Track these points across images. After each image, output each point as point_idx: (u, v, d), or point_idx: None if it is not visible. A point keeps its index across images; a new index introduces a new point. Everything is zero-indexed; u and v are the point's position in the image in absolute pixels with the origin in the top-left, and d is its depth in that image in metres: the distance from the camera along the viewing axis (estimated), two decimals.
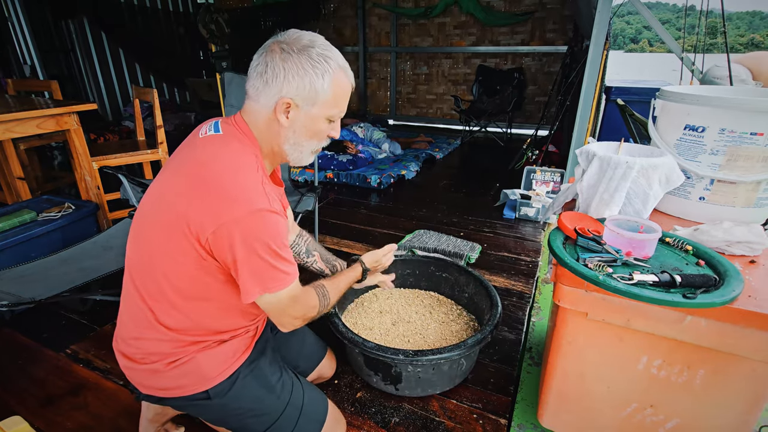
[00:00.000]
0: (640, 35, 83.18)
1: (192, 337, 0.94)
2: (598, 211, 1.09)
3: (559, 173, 2.78)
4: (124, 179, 2.05)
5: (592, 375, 1.03)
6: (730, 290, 0.79)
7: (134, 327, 0.94)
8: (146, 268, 0.89)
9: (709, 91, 1.25)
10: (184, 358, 0.93)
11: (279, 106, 0.86)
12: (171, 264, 0.86)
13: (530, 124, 5.26)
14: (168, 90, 6.29)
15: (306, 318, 0.98)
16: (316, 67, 0.84)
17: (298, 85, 0.84)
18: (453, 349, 1.23)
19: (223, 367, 0.98)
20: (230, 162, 0.83)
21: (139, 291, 0.91)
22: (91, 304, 1.89)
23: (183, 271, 0.86)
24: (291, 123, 0.89)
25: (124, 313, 0.97)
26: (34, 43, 4.79)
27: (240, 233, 0.79)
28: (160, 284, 0.88)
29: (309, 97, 0.86)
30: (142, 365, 0.94)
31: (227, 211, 0.78)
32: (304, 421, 1.08)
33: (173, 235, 0.82)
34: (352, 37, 6.32)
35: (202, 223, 0.79)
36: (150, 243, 0.87)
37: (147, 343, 0.93)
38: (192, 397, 0.96)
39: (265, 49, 0.86)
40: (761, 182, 1.01)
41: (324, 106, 0.89)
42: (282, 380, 1.09)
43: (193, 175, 0.82)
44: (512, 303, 1.91)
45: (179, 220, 0.81)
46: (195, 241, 0.81)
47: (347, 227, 2.73)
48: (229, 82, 2.18)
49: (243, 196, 0.79)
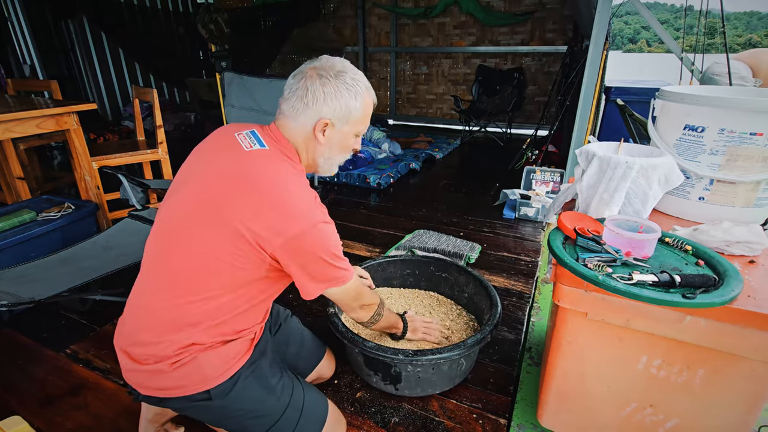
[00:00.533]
0: (638, 35, 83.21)
1: (200, 337, 0.94)
2: (598, 211, 1.09)
3: (558, 173, 2.78)
4: (123, 179, 2.05)
5: (592, 375, 1.03)
6: (729, 290, 0.79)
7: (147, 328, 0.94)
8: (183, 265, 0.91)
9: (709, 91, 1.26)
10: (186, 358, 0.94)
11: (318, 126, 0.97)
12: (217, 263, 0.90)
13: (530, 124, 5.26)
14: (168, 90, 6.29)
15: (366, 310, 1.16)
16: (350, 90, 0.96)
17: (336, 107, 0.96)
18: (453, 349, 1.23)
19: (224, 368, 0.98)
20: (288, 181, 0.92)
21: (173, 282, 0.92)
22: (91, 304, 1.89)
23: (226, 269, 0.90)
24: (327, 140, 1.00)
25: (138, 311, 0.97)
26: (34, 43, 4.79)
27: (304, 246, 0.89)
28: (193, 282, 0.91)
29: (343, 116, 0.98)
30: (145, 366, 0.94)
31: (291, 227, 0.87)
32: (305, 423, 1.08)
33: (228, 236, 0.88)
34: (352, 37, 6.32)
35: (268, 238, 0.87)
36: (198, 242, 0.90)
37: (157, 345, 0.93)
38: (193, 397, 0.96)
39: (303, 75, 0.96)
40: (761, 182, 1.01)
41: (355, 124, 1.01)
42: (282, 381, 1.09)
43: (252, 189, 0.89)
44: (512, 303, 1.91)
45: (239, 227, 0.87)
46: (259, 249, 0.89)
47: (347, 227, 2.73)
48: (229, 82, 2.18)
49: (304, 214, 0.89)
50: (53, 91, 2.92)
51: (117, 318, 1.00)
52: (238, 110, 2.17)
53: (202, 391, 0.96)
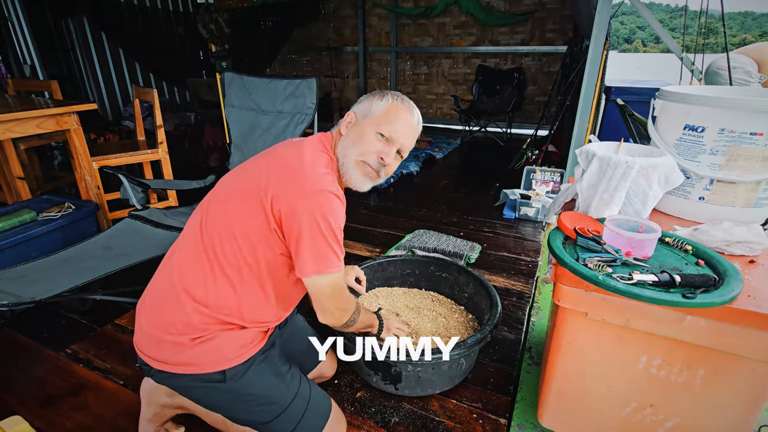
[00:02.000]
0: (634, 35, 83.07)
1: (225, 316, 0.98)
2: (598, 211, 1.09)
3: (558, 173, 2.78)
4: (124, 179, 2.05)
5: (592, 375, 1.03)
6: (729, 290, 0.79)
7: (183, 292, 0.97)
8: (229, 231, 0.96)
9: (709, 91, 1.26)
10: (207, 335, 0.96)
11: (345, 119, 1.08)
12: (247, 229, 0.95)
13: (530, 124, 5.26)
14: (168, 90, 6.28)
15: (342, 313, 1.08)
16: (383, 96, 1.07)
17: (364, 105, 1.08)
18: (453, 349, 1.23)
19: (241, 351, 1.00)
20: (309, 154, 0.99)
21: (208, 252, 0.97)
22: (91, 304, 1.89)
23: (254, 238, 0.95)
24: (348, 132, 1.07)
25: (173, 276, 0.99)
26: (34, 43, 4.79)
27: (308, 206, 0.90)
28: (235, 247, 0.96)
29: (365, 111, 1.06)
30: (168, 336, 0.95)
31: (300, 186, 0.91)
32: (311, 414, 1.09)
33: (252, 204, 0.94)
34: (352, 37, 6.32)
35: (277, 195, 0.91)
36: (229, 215, 0.97)
37: (188, 309, 0.95)
38: (207, 377, 0.97)
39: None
40: (761, 182, 1.01)
41: (375, 119, 1.05)
42: (291, 371, 1.12)
43: (275, 158, 0.99)
44: (512, 303, 1.91)
45: (259, 191, 0.93)
46: (269, 211, 0.92)
47: (347, 227, 2.71)
48: (229, 82, 2.18)
49: (316, 179, 0.93)
50: (53, 91, 2.91)
51: (117, 318, 1.00)
52: (239, 110, 2.17)
53: (218, 371, 0.97)
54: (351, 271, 1.56)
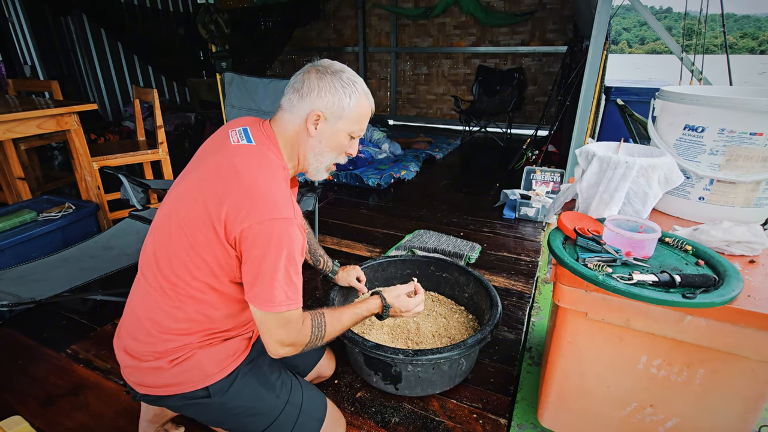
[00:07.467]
0: (619, 36, 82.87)
1: (203, 332, 0.96)
2: (598, 211, 1.09)
3: (558, 173, 2.78)
4: (124, 179, 2.05)
5: (592, 375, 1.04)
6: (729, 290, 0.79)
7: (143, 328, 0.95)
8: (179, 259, 0.91)
9: (709, 91, 1.26)
10: (184, 355, 0.95)
11: (310, 117, 0.96)
12: (195, 258, 0.90)
13: (530, 124, 5.26)
14: (168, 90, 6.29)
15: (296, 347, 0.97)
16: (345, 89, 0.95)
17: (329, 101, 0.95)
18: (453, 349, 1.23)
19: (223, 365, 0.99)
20: (266, 175, 0.91)
21: (169, 281, 0.92)
22: (91, 304, 1.89)
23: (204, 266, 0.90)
24: (318, 134, 0.98)
25: (137, 309, 0.97)
26: (34, 43, 4.79)
27: (264, 233, 0.85)
28: (193, 273, 0.91)
29: (336, 112, 0.96)
30: (145, 362, 0.94)
31: (258, 213, 0.85)
32: (304, 419, 1.08)
33: (205, 231, 0.88)
34: (352, 37, 6.32)
35: (234, 221, 0.85)
36: (177, 238, 0.91)
37: (154, 344, 0.94)
38: (191, 395, 0.97)
39: (303, 71, 0.97)
40: (760, 182, 1.01)
41: (348, 122, 0.99)
42: (281, 379, 1.10)
43: (231, 180, 0.89)
44: (512, 303, 1.91)
45: (214, 218, 0.87)
46: (224, 239, 0.87)
47: (347, 227, 2.73)
48: (229, 82, 2.18)
49: (275, 205, 0.87)
50: (54, 92, 2.91)
51: (117, 318, 1.00)
52: (239, 110, 2.17)
53: (201, 388, 0.96)
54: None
